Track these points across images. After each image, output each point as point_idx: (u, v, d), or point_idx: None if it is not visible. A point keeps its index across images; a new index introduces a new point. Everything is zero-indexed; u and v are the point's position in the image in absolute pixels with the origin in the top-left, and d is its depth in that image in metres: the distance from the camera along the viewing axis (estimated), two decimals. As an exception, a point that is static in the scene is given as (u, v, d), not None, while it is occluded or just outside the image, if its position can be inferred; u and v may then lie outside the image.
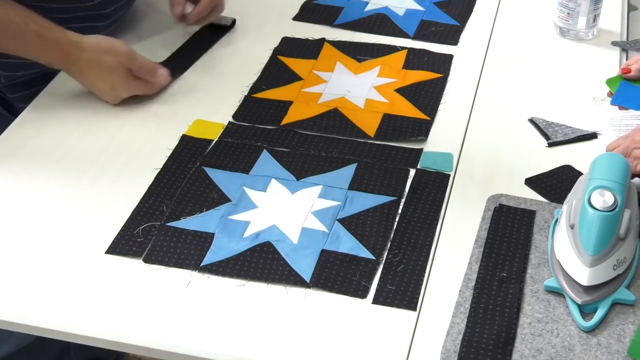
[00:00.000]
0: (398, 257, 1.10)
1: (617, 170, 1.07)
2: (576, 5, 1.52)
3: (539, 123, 1.33)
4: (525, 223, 1.14)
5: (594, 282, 1.01)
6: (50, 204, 1.18)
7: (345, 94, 1.40)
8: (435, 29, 1.58)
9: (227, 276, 1.07)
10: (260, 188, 1.21)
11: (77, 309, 1.03)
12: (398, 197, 1.19)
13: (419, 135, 1.31)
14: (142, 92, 1.38)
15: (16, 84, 1.47)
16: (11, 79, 1.47)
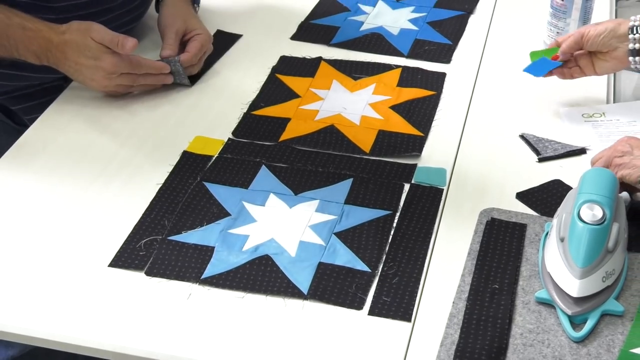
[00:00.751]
0: (393, 269, 1.10)
1: (606, 184, 1.07)
2: (565, 24, 1.52)
3: (530, 139, 1.33)
4: (516, 236, 1.14)
5: (583, 294, 1.01)
6: (54, 218, 1.18)
7: (341, 111, 1.40)
8: (429, 48, 1.59)
9: (226, 288, 1.07)
10: (259, 202, 1.21)
11: (81, 321, 1.03)
12: (393, 211, 1.20)
13: (413, 151, 1.31)
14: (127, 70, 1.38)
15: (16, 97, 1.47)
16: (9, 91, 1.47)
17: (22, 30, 1.33)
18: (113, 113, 1.40)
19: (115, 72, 1.37)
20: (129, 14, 1.54)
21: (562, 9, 1.51)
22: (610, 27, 1.34)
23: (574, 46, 1.37)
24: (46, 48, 1.35)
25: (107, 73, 1.37)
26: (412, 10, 1.71)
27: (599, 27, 1.34)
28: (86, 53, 1.34)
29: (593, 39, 1.34)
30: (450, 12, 1.71)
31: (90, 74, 1.37)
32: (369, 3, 1.73)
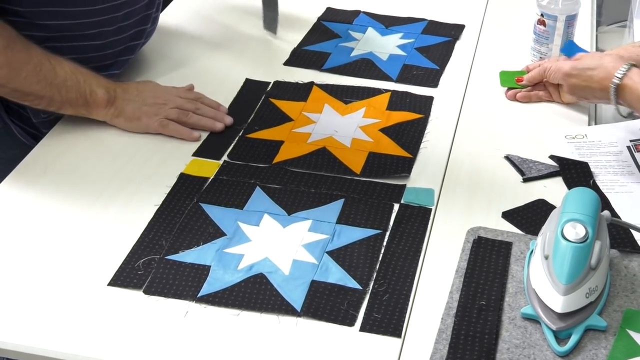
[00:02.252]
0: (383, 287, 1.10)
1: (588, 204, 1.07)
2: (548, 50, 1.53)
3: (515, 160, 1.33)
4: (502, 254, 1.14)
5: (567, 310, 1.01)
6: (55, 237, 1.18)
7: (332, 133, 1.40)
8: (417, 73, 1.59)
9: (222, 306, 1.07)
10: (254, 223, 1.21)
11: (81, 338, 1.03)
12: (383, 230, 1.19)
13: (402, 172, 1.31)
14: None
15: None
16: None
17: (95, 73, 1.39)
18: (113, 137, 1.39)
19: (173, 94, 1.43)
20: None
21: (544, 35, 1.52)
22: None
23: (537, 78, 1.47)
24: (111, 82, 1.40)
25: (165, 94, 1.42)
26: (400, 37, 1.72)
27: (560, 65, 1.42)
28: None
29: (554, 74, 1.42)
30: (437, 39, 1.72)
31: (151, 100, 1.41)
32: (358, 30, 1.74)
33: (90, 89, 1.37)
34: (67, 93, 1.35)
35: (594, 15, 1.82)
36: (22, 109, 1.43)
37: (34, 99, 1.34)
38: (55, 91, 1.34)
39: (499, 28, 1.76)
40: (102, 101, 1.38)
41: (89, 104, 1.37)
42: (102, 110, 1.39)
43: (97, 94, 1.37)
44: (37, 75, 1.31)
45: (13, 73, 1.30)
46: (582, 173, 1.29)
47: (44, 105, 1.36)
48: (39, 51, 1.33)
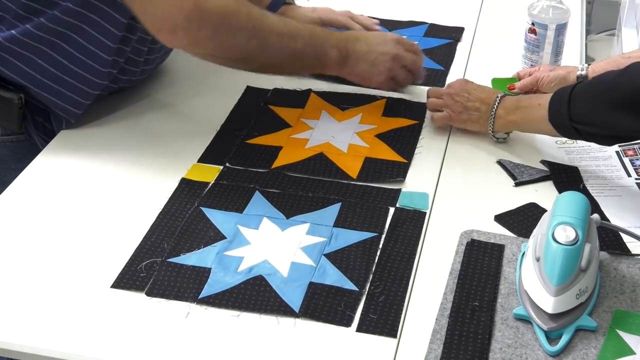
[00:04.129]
0: (379, 288, 1.10)
1: (578, 207, 1.07)
2: (539, 57, 1.53)
3: (507, 164, 1.33)
4: (495, 256, 1.14)
5: (558, 310, 1.01)
6: (60, 241, 1.18)
7: (330, 139, 1.40)
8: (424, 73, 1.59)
9: (223, 308, 1.07)
10: (253, 226, 1.20)
11: (85, 340, 1.02)
12: (379, 233, 1.19)
13: (397, 177, 1.31)
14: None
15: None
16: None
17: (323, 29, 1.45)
18: (116, 144, 1.39)
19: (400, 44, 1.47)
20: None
21: (535, 43, 1.52)
22: (561, 75, 1.42)
23: (528, 87, 1.46)
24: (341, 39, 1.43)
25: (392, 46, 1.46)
26: (404, 39, 1.72)
27: (552, 75, 1.43)
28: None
29: (546, 84, 1.43)
30: (439, 41, 1.72)
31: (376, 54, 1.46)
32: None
33: (323, 51, 1.40)
34: (306, 59, 1.40)
35: (583, 24, 1.83)
36: (47, 122, 1.42)
37: (278, 68, 1.42)
38: (297, 59, 1.39)
39: (492, 34, 1.76)
40: (336, 62, 1.42)
41: (324, 65, 1.43)
42: (335, 69, 1.44)
43: (330, 56, 1.41)
44: (281, 44, 1.34)
45: (262, 43, 1.31)
46: (572, 177, 1.29)
47: (286, 72, 1.47)
48: (276, 19, 1.35)
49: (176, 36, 1.25)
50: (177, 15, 1.22)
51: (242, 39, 1.29)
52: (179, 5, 1.22)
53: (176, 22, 1.23)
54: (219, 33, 1.27)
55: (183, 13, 1.22)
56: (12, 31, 1.30)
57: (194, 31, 1.24)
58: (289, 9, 1.70)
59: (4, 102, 1.34)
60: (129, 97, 1.50)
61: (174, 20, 1.23)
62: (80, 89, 1.37)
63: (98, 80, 1.38)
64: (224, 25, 1.26)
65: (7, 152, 1.40)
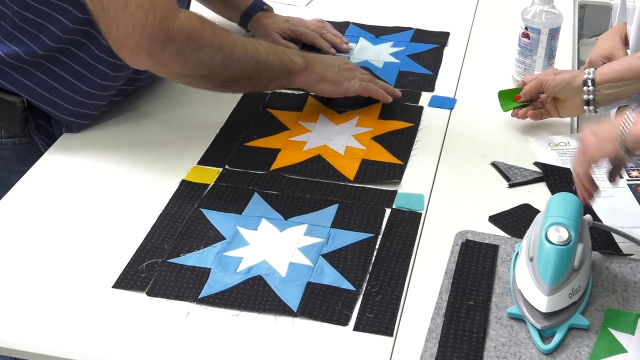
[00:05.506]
0: (376, 288, 1.10)
1: (571, 208, 1.07)
2: (532, 61, 1.53)
3: (501, 166, 1.33)
4: (489, 256, 1.14)
5: (551, 309, 1.01)
6: (63, 242, 1.18)
7: (327, 142, 1.40)
8: (413, 78, 1.59)
9: (222, 307, 1.07)
10: (252, 227, 1.20)
11: (87, 339, 1.02)
12: (375, 234, 1.19)
13: (393, 179, 1.31)
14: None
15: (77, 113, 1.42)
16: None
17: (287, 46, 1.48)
18: (117, 146, 1.39)
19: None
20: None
21: (528, 47, 1.52)
22: (567, 80, 1.36)
23: (533, 91, 1.40)
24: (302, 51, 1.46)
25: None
26: (391, 45, 1.72)
27: (557, 78, 1.37)
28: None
29: (551, 88, 1.37)
30: (426, 46, 1.72)
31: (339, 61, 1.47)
32: (351, 40, 1.73)
33: (288, 58, 1.38)
34: (272, 67, 1.36)
35: (575, 28, 1.83)
36: (49, 125, 1.42)
37: (245, 81, 1.35)
38: (263, 68, 1.35)
39: (486, 39, 1.76)
40: (302, 67, 1.40)
41: (291, 72, 1.39)
42: (303, 76, 1.41)
43: (296, 62, 1.39)
44: (246, 56, 1.31)
45: (227, 58, 1.29)
46: (565, 179, 1.29)
47: (252, 87, 1.38)
48: (238, 35, 1.33)
49: (138, 55, 1.21)
50: (139, 35, 1.18)
51: (208, 55, 1.26)
52: (142, 25, 1.18)
53: (138, 41, 1.19)
54: (183, 51, 1.23)
55: (146, 33, 1.18)
56: (14, 48, 1.30)
57: (157, 51, 1.21)
58: (264, 15, 1.71)
59: (7, 105, 1.34)
60: (130, 100, 1.50)
61: (137, 39, 1.19)
62: (85, 103, 1.38)
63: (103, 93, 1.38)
64: (189, 44, 1.23)
65: (9, 154, 1.40)
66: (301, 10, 1.87)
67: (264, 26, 1.69)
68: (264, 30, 1.69)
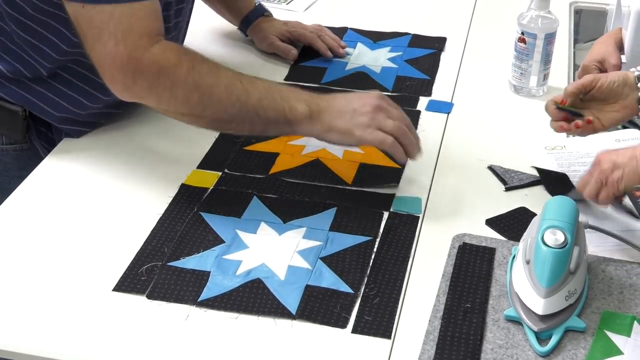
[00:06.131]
0: (374, 290, 1.10)
1: (567, 211, 1.07)
2: (528, 66, 1.53)
3: (497, 170, 1.33)
4: (486, 259, 1.14)
5: (548, 312, 1.01)
6: (64, 245, 1.18)
7: (326, 145, 1.39)
8: (410, 83, 1.59)
9: (221, 310, 1.07)
10: (251, 230, 1.20)
11: (87, 342, 1.02)
12: (373, 237, 1.19)
13: (391, 182, 1.31)
14: None
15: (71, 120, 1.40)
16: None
17: (289, 86, 1.30)
18: (117, 150, 1.39)
19: (382, 100, 1.25)
20: None
21: (524, 52, 1.52)
22: (622, 76, 1.25)
23: (587, 86, 1.25)
24: (313, 96, 1.24)
25: (375, 101, 1.24)
26: (389, 50, 1.72)
27: (610, 76, 1.25)
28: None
29: (607, 85, 1.24)
30: (423, 51, 1.72)
31: (356, 107, 1.23)
32: (349, 45, 1.73)
33: (288, 104, 1.21)
34: (265, 113, 1.21)
35: (571, 33, 1.83)
36: (49, 131, 1.42)
37: (237, 125, 1.23)
38: (253, 114, 1.20)
39: (483, 44, 1.76)
40: (304, 116, 1.22)
41: (291, 122, 1.22)
42: (306, 126, 1.23)
43: (296, 109, 1.21)
44: (229, 98, 1.19)
45: (205, 98, 1.18)
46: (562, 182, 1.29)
47: (249, 130, 1.26)
48: (229, 72, 1.22)
49: (115, 86, 1.18)
50: (110, 66, 1.15)
51: (182, 94, 1.18)
52: (112, 55, 1.14)
53: (111, 72, 1.16)
54: (155, 86, 1.17)
55: (116, 64, 1.15)
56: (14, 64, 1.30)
57: (129, 83, 1.17)
58: (263, 20, 1.71)
59: (9, 113, 1.35)
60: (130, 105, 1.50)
61: (109, 70, 1.16)
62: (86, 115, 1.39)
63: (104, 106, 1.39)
64: (160, 79, 1.16)
65: (10, 161, 1.40)
66: (300, 15, 1.87)
67: (263, 30, 1.69)
68: (263, 34, 1.69)
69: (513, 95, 1.57)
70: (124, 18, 1.15)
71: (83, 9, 1.15)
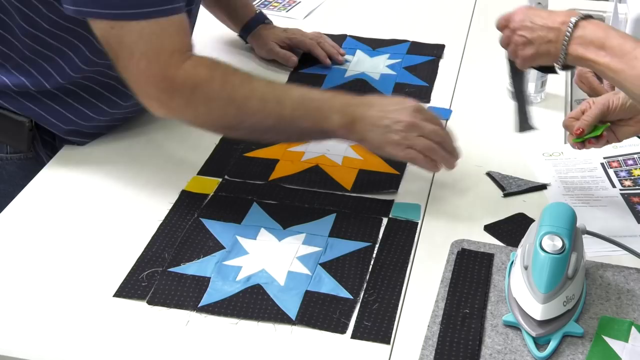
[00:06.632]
0: (373, 296, 1.09)
1: (565, 217, 1.07)
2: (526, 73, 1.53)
3: (496, 176, 1.33)
4: (484, 265, 1.14)
5: (546, 317, 1.01)
6: (65, 251, 1.18)
7: (325, 152, 1.40)
8: (409, 90, 1.59)
9: (222, 315, 1.06)
10: (251, 236, 1.20)
11: (89, 347, 1.02)
12: (372, 243, 1.19)
13: (390, 188, 1.31)
14: None
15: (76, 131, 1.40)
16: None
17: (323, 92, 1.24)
18: (119, 157, 1.39)
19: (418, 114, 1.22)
20: None
21: (523, 59, 1.52)
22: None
23: (599, 117, 1.20)
24: (351, 102, 1.22)
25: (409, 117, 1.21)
26: (388, 57, 1.72)
27: (621, 95, 1.19)
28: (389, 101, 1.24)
29: (620, 107, 1.19)
30: (422, 58, 1.72)
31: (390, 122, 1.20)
32: (348, 52, 1.74)
33: (322, 114, 1.20)
34: (300, 123, 1.20)
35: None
36: (53, 140, 1.42)
37: (274, 134, 1.24)
38: (287, 125, 1.20)
39: (481, 50, 1.76)
40: (339, 127, 1.20)
41: (326, 131, 1.21)
42: (341, 135, 1.22)
43: (332, 120, 1.20)
44: (264, 109, 1.18)
45: (241, 111, 1.18)
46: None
47: (286, 139, 1.27)
48: (262, 82, 1.21)
49: (151, 104, 1.18)
50: (145, 84, 1.16)
51: (218, 108, 1.18)
52: (146, 74, 1.14)
53: (147, 90, 1.16)
54: (191, 103, 1.17)
55: (150, 82, 1.15)
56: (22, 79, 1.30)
57: (166, 100, 1.17)
58: (263, 27, 1.71)
59: (16, 124, 1.35)
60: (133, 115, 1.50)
61: (144, 88, 1.17)
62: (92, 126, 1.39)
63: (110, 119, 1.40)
64: (196, 96, 1.16)
65: (15, 169, 1.40)
66: (299, 22, 1.87)
67: (263, 37, 1.69)
68: (263, 41, 1.69)
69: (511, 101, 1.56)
70: (154, 37, 1.14)
71: (112, 30, 1.14)
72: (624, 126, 1.22)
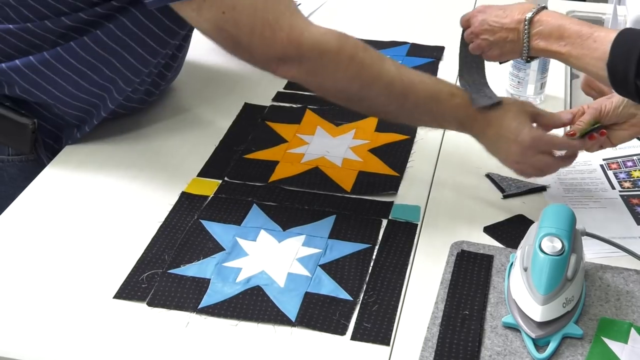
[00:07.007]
0: (373, 298, 1.09)
1: (564, 219, 1.07)
2: (525, 75, 1.53)
3: (495, 178, 1.33)
4: (484, 266, 1.14)
5: (546, 319, 1.01)
6: (65, 253, 1.17)
7: (325, 154, 1.40)
8: None
9: (221, 317, 1.06)
10: (251, 238, 1.20)
11: (89, 349, 1.02)
12: (372, 244, 1.19)
13: (389, 190, 1.31)
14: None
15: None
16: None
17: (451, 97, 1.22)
18: (119, 159, 1.39)
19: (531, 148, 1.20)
20: None
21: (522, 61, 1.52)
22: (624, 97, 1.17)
23: (592, 123, 1.20)
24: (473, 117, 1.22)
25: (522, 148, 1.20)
26: (388, 59, 1.72)
27: (614, 100, 1.19)
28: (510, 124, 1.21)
29: (612, 111, 1.19)
30: (421, 60, 1.72)
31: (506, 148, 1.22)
32: (348, 55, 1.74)
33: (444, 119, 1.23)
34: (419, 117, 1.24)
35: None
36: (55, 142, 1.41)
37: (392, 117, 1.26)
38: (407, 114, 1.23)
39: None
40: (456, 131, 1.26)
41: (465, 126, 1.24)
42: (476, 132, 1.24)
43: (450, 126, 1.25)
44: (388, 96, 1.19)
45: (364, 90, 1.18)
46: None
47: (397, 120, 1.30)
48: (392, 69, 1.19)
49: (283, 71, 1.15)
50: (276, 55, 1.13)
51: (343, 81, 1.17)
52: (272, 44, 1.12)
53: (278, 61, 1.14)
54: (318, 70, 1.15)
55: (279, 51, 1.12)
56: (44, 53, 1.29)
57: (295, 65, 1.14)
58: None
59: (19, 127, 1.34)
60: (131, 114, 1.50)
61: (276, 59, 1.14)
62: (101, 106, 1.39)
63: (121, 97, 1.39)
64: (323, 63, 1.14)
65: (16, 172, 1.40)
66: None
67: None
68: None
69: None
70: (269, 4, 1.12)
71: (225, 15, 1.12)
72: (618, 130, 1.21)
